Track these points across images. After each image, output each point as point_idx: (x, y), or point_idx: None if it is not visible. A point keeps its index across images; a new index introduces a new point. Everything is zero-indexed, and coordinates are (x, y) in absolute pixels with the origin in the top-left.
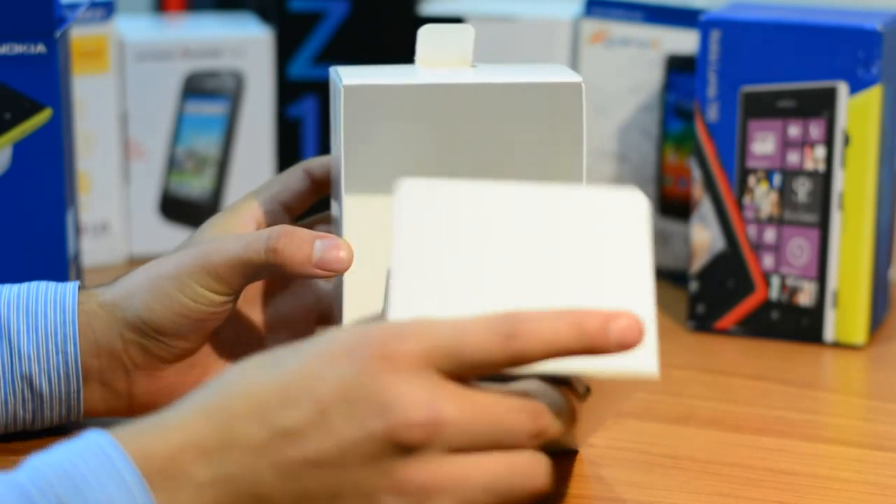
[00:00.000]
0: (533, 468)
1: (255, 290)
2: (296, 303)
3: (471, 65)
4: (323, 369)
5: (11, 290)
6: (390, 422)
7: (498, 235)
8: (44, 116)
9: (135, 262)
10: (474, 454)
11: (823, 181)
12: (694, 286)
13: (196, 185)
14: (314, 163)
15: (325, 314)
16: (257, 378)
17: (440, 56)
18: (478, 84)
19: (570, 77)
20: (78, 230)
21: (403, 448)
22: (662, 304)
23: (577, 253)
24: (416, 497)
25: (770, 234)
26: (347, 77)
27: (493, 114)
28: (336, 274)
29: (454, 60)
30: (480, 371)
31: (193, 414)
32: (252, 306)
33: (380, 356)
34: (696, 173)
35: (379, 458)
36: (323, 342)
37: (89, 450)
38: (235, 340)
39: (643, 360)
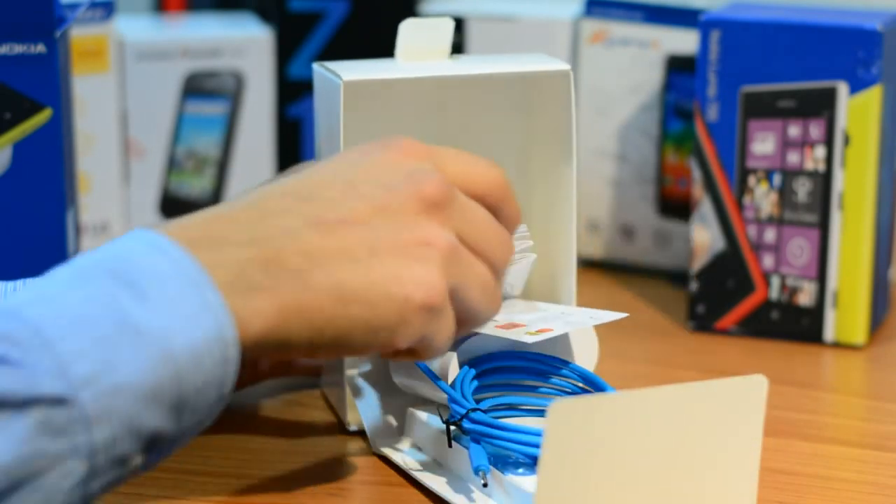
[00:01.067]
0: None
1: None
2: None
3: (449, 56)
4: (347, 160)
5: (7, 286)
6: (416, 182)
7: (633, 438)
8: (44, 116)
9: None
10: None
11: (823, 181)
12: (694, 286)
13: (196, 185)
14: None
15: None
16: (282, 181)
17: (420, 49)
18: (473, 75)
19: (558, 65)
20: (78, 230)
21: (429, 204)
22: (662, 304)
23: (699, 444)
24: (446, 252)
25: (770, 234)
26: (342, 73)
27: (484, 104)
28: None
29: (433, 53)
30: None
31: (217, 207)
32: None
33: (404, 146)
34: (696, 173)
35: (408, 213)
36: (349, 149)
37: (127, 237)
38: None
39: None
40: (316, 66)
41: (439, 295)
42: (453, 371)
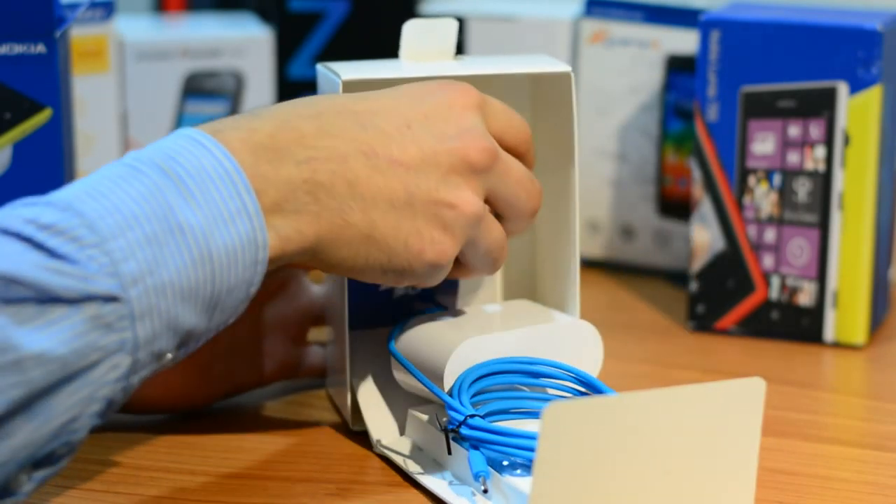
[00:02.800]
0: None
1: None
2: (291, 305)
3: (453, 57)
4: (410, 95)
5: None
6: (465, 142)
7: (629, 441)
8: (44, 116)
9: None
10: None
11: (823, 181)
12: (694, 286)
13: None
14: None
15: (319, 316)
16: (347, 98)
17: (424, 50)
18: (474, 75)
19: (560, 67)
20: None
21: (471, 167)
22: (662, 304)
23: (697, 447)
24: (470, 218)
25: (770, 234)
26: (342, 72)
27: None
28: None
29: (437, 54)
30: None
31: (286, 112)
32: (249, 308)
33: (461, 91)
34: (696, 173)
35: (450, 170)
36: (413, 84)
37: (177, 134)
38: (232, 342)
39: None
40: (319, 67)
41: (447, 258)
42: (450, 377)
